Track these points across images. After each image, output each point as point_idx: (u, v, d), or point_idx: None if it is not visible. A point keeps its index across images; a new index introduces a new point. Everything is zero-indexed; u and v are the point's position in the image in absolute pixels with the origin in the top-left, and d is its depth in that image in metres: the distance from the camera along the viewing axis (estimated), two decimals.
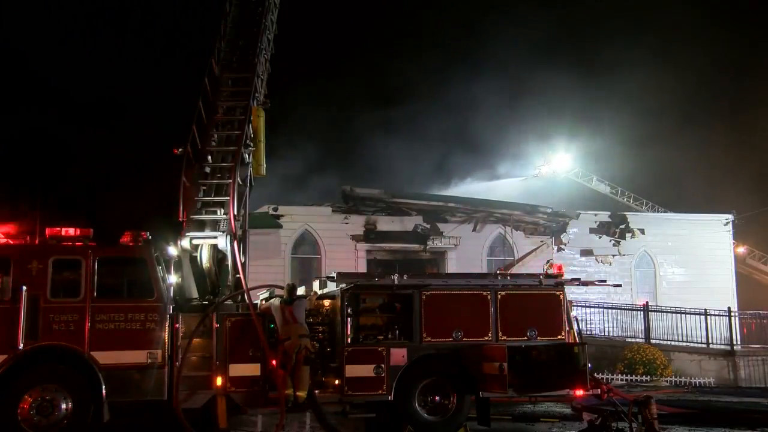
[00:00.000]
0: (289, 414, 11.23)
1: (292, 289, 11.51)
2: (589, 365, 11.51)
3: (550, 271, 12.62)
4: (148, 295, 11.01)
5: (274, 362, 10.95)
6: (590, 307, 24.34)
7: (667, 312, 24.47)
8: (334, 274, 11.44)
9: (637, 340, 23.77)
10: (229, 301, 11.88)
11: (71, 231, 11.11)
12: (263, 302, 11.91)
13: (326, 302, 12.08)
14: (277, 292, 12.17)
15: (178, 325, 11.04)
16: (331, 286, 12.00)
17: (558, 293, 12.26)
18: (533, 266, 24.78)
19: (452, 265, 25.73)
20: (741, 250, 32.99)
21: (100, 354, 10.59)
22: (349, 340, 11.48)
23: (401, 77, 59.35)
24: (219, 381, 10.97)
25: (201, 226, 12.59)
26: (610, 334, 24.42)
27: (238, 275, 12.23)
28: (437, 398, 11.63)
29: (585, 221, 27.32)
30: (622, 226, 27.36)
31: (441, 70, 57.82)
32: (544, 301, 12.21)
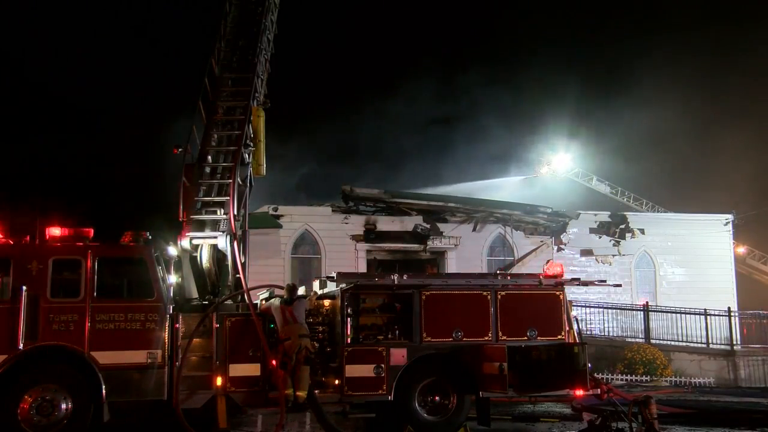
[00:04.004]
0: (289, 414, 11.23)
1: (292, 289, 11.52)
2: (589, 365, 11.51)
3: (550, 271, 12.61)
4: (148, 295, 11.00)
5: (274, 362, 10.95)
6: (590, 307, 24.32)
7: (667, 312, 24.46)
8: (334, 274, 11.42)
9: (637, 340, 23.75)
10: (229, 301, 11.88)
11: (71, 231, 11.11)
12: (263, 302, 11.91)
13: (326, 302, 12.08)
14: (277, 292, 12.17)
15: (178, 325, 11.05)
16: (331, 286, 12.00)
17: (558, 293, 12.26)
18: (533, 266, 24.77)
19: (452, 265, 25.69)
20: (741, 250, 32.96)
21: (100, 354, 10.59)
22: (349, 340, 11.48)
23: (399, 76, 59.35)
24: (219, 381, 10.97)
25: (201, 226, 12.60)
26: (610, 334, 24.40)
27: (238, 275, 12.24)
28: (437, 398, 11.64)
29: (585, 221, 27.28)
30: (622, 226, 27.32)
31: (440, 69, 57.86)
32: (544, 301, 12.21)
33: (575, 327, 12.53)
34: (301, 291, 12.52)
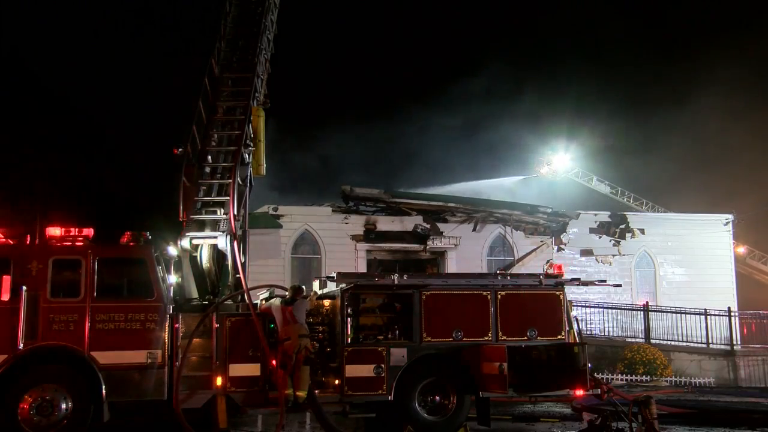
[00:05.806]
0: (289, 414, 11.23)
1: (296, 290, 11.47)
2: (589, 365, 11.51)
3: (550, 271, 12.62)
4: (148, 295, 11.01)
5: (274, 362, 10.96)
6: (590, 307, 24.33)
7: (667, 312, 24.47)
8: (334, 274, 11.43)
9: (637, 340, 23.76)
10: (229, 301, 11.88)
11: (71, 231, 11.11)
12: (263, 302, 11.90)
13: (326, 302, 12.08)
14: (277, 292, 12.17)
15: (178, 325, 11.05)
16: (331, 286, 12.01)
17: (558, 293, 12.26)
18: (533, 266, 24.76)
19: (452, 265, 25.69)
20: (741, 250, 32.98)
21: (100, 354, 10.60)
22: (349, 340, 11.48)
23: (399, 77, 59.40)
24: (219, 381, 10.98)
25: (201, 226, 12.58)
26: (610, 334, 24.41)
27: (238, 275, 12.22)
28: (437, 398, 11.64)
29: (585, 221, 27.28)
30: (622, 226, 27.32)
31: (439, 68, 57.87)
32: (544, 301, 12.21)
33: (575, 327, 12.54)
34: None
